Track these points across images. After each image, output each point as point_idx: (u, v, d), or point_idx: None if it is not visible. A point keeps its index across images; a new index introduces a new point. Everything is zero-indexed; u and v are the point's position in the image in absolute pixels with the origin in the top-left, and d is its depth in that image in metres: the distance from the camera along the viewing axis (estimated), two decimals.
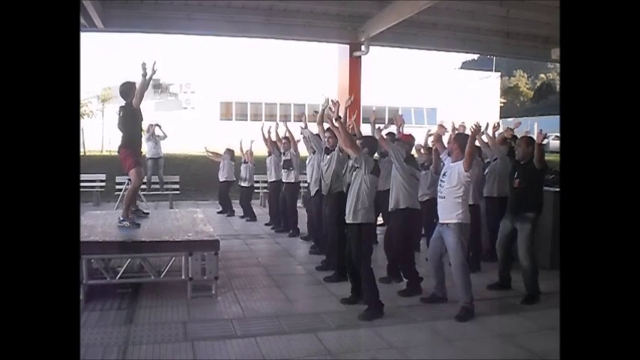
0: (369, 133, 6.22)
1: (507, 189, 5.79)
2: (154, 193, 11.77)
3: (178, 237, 5.36)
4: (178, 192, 12.44)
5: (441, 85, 27.20)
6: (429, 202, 6.31)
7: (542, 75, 60.69)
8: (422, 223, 6.61)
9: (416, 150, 7.04)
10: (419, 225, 6.48)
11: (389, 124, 7.02)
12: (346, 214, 4.89)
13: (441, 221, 4.91)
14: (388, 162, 5.98)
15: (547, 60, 13.87)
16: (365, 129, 7.24)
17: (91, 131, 19.97)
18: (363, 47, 10.84)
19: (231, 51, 23.24)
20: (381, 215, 7.36)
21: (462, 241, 4.77)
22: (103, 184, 12.14)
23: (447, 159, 4.99)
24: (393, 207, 5.52)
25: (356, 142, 5.06)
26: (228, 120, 25.35)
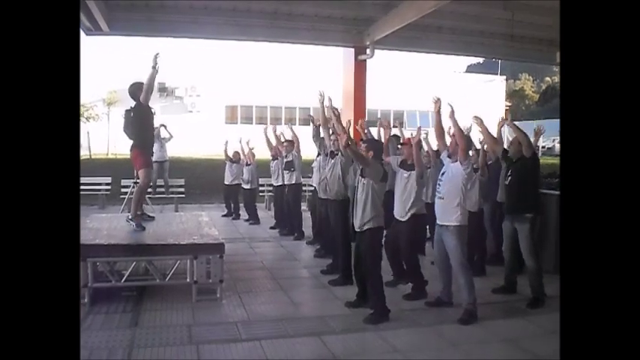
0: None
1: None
2: (160, 196, 11.80)
3: (183, 240, 5.38)
4: (184, 195, 12.46)
5: (446, 88, 27.10)
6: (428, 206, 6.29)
7: (548, 78, 60.33)
8: (426, 228, 6.57)
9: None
10: (424, 229, 6.46)
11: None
12: (355, 222, 4.81)
13: (439, 223, 4.90)
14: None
15: (552, 63, 13.77)
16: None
17: (97, 134, 20.06)
18: (368, 51, 10.81)
19: (236, 54, 23.14)
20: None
21: (461, 243, 4.77)
22: (109, 187, 12.18)
23: (447, 160, 4.98)
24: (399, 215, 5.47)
25: (368, 160, 4.78)
26: (234, 123, 25.39)
